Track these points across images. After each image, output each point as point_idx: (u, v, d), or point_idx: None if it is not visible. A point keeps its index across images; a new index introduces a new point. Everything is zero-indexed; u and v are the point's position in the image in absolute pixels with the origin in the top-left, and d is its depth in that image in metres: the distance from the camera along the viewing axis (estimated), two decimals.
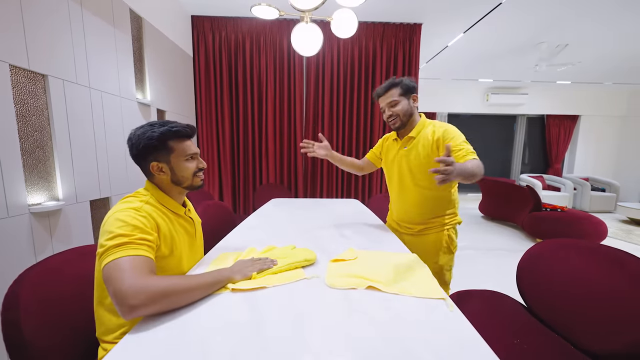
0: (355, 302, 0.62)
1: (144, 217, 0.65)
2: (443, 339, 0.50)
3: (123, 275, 0.54)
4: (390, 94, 1.05)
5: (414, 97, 1.07)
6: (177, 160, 0.73)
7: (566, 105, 5.32)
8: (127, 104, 1.72)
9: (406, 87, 1.05)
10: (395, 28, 2.76)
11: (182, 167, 0.73)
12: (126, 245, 0.58)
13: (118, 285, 0.53)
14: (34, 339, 0.59)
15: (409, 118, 1.07)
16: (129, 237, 0.59)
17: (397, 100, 1.04)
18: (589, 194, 4.64)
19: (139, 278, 0.54)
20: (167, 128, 0.70)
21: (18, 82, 1.10)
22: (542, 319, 0.91)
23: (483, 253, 2.69)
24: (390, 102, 1.05)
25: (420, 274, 0.74)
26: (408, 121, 1.07)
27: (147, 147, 0.70)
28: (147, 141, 0.69)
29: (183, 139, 0.74)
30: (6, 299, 0.61)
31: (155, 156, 0.71)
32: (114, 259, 0.56)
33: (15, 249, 1.07)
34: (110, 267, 0.56)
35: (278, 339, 0.50)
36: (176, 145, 0.72)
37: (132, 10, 1.78)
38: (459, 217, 1.16)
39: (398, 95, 1.04)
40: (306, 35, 1.40)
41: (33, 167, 1.17)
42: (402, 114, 1.05)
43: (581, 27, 2.73)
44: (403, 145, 1.11)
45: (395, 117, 1.06)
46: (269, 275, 0.71)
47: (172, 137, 0.71)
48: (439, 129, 1.04)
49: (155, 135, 0.69)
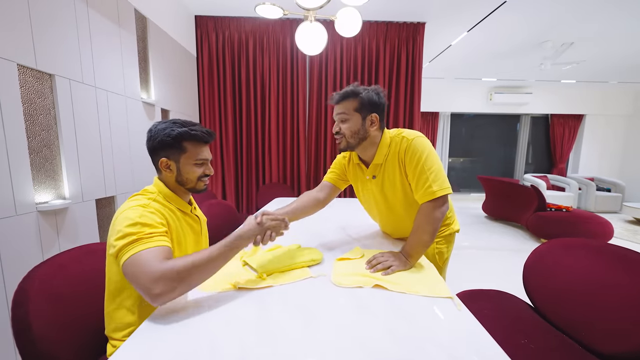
0: (362, 300, 0.62)
1: (153, 213, 0.66)
2: (452, 337, 0.50)
3: (141, 270, 0.56)
4: (344, 105, 0.83)
5: (374, 117, 0.83)
6: (187, 161, 0.74)
7: (571, 105, 5.27)
8: (132, 103, 1.73)
9: (366, 102, 0.81)
10: (398, 27, 2.75)
11: (189, 169, 0.74)
12: (138, 241, 0.59)
13: (138, 279, 0.56)
14: (43, 335, 0.60)
15: (359, 142, 0.84)
16: (139, 234, 0.60)
17: (347, 116, 0.82)
18: (594, 194, 4.60)
19: (157, 267, 0.56)
20: (186, 129, 0.71)
21: (26, 82, 1.11)
22: (549, 319, 0.90)
23: (487, 253, 2.67)
24: (340, 116, 0.84)
25: (427, 273, 0.74)
26: (358, 144, 0.85)
27: (162, 143, 0.71)
28: (164, 137, 0.70)
29: (199, 143, 0.74)
30: (16, 296, 0.61)
31: (168, 153, 0.72)
32: (130, 256, 0.58)
33: (23, 247, 1.09)
34: (128, 265, 0.57)
35: (286, 337, 0.50)
36: (190, 147, 0.73)
37: (137, 11, 1.79)
38: (456, 224, 1.05)
39: (352, 110, 0.82)
40: (310, 34, 1.40)
41: (40, 166, 1.18)
42: (349, 134, 0.83)
43: (586, 25, 2.70)
44: (371, 174, 0.91)
45: (341, 135, 0.84)
46: (275, 274, 0.71)
47: (188, 138, 0.72)
48: (402, 147, 0.83)
49: (173, 133, 0.70)
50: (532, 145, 5.74)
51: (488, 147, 5.80)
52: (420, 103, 2.88)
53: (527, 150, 5.69)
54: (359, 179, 0.98)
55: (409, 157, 0.81)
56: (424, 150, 0.80)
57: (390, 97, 2.88)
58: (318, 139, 2.93)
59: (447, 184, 0.80)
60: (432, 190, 0.78)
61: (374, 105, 0.83)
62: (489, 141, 5.78)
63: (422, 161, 0.79)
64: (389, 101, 2.89)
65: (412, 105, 2.89)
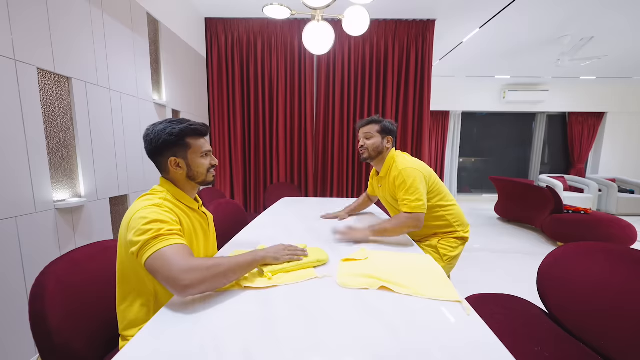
0: (368, 302, 0.61)
1: (167, 212, 0.67)
2: (460, 343, 0.49)
3: (170, 262, 0.57)
4: (370, 127, 1.18)
5: (389, 138, 1.19)
6: (194, 156, 0.76)
7: (591, 102, 5.04)
8: (144, 104, 1.78)
9: (384, 127, 1.17)
10: (407, 25, 2.71)
11: (198, 163, 0.77)
12: (160, 238, 0.61)
13: (167, 271, 0.57)
14: (58, 328, 0.62)
15: (377, 154, 1.19)
16: (159, 230, 0.62)
17: (372, 134, 1.17)
18: (615, 196, 4.37)
19: (186, 261, 0.58)
20: (186, 125, 0.74)
21: (45, 85, 1.16)
22: (565, 326, 0.86)
23: (499, 256, 2.59)
24: (366, 134, 1.18)
25: (435, 276, 0.72)
26: (376, 157, 1.19)
27: (166, 143, 0.72)
28: (167, 137, 0.72)
29: (199, 136, 0.77)
30: (33, 289, 0.64)
31: (174, 152, 0.74)
32: (155, 251, 0.59)
33: (41, 243, 1.14)
34: (154, 259, 0.59)
35: (290, 337, 0.50)
36: (193, 142, 0.76)
37: (149, 14, 1.83)
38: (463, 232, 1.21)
39: (375, 132, 1.17)
40: (318, 33, 1.40)
41: (58, 166, 1.23)
42: (372, 148, 1.17)
43: (608, 18, 2.57)
44: (379, 182, 1.27)
45: (365, 148, 1.19)
46: (280, 274, 0.71)
47: (190, 134, 0.75)
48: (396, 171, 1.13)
49: (175, 131, 0.72)
50: (548, 144, 5.52)
51: (501, 146, 5.63)
52: (430, 102, 2.82)
53: (543, 150, 5.48)
54: (375, 186, 1.36)
55: (397, 182, 1.12)
56: (408, 179, 1.08)
57: (399, 96, 2.84)
58: (325, 139, 2.93)
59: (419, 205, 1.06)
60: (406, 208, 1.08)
61: (390, 130, 1.19)
62: (501, 141, 5.60)
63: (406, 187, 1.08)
64: (398, 101, 2.85)
65: (422, 105, 2.84)
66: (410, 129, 2.87)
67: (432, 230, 1.21)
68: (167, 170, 0.75)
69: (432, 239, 1.21)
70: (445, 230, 1.20)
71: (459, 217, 1.21)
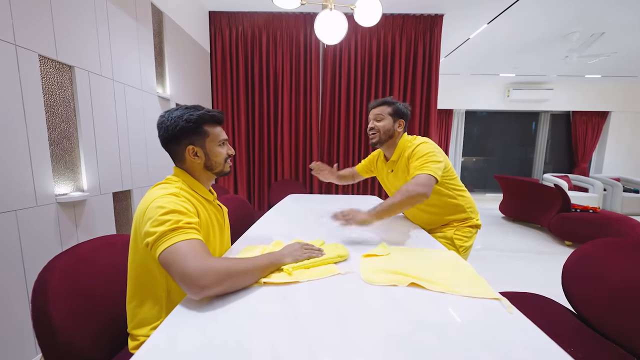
0: (398, 299, 0.56)
1: (185, 202, 0.63)
2: (508, 343, 0.44)
3: (186, 258, 0.53)
4: (381, 109, 1.08)
5: (401, 122, 1.09)
6: (212, 144, 0.72)
7: (595, 101, 5.01)
8: (148, 97, 1.73)
9: (397, 110, 1.07)
10: (415, 20, 2.66)
11: (216, 152, 0.73)
12: (178, 230, 0.56)
13: (183, 268, 0.52)
14: (62, 326, 0.58)
15: (388, 138, 1.08)
16: (177, 222, 0.57)
17: (383, 116, 1.07)
18: (620, 195, 4.35)
19: (203, 260, 0.54)
20: (204, 112, 0.69)
21: (47, 73, 1.11)
22: (595, 326, 0.82)
23: (506, 255, 2.56)
24: (377, 116, 1.08)
25: (465, 272, 0.67)
26: (386, 141, 1.09)
27: (184, 130, 0.68)
28: (185, 123, 0.67)
29: (216, 124, 0.73)
30: (36, 285, 0.59)
31: (192, 139, 0.69)
32: (171, 244, 0.55)
33: (42, 238, 1.09)
34: (169, 252, 0.54)
35: (319, 335, 0.46)
36: (211, 129, 0.71)
37: (153, 5, 1.78)
38: (476, 220, 1.14)
39: (387, 113, 1.07)
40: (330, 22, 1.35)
41: (60, 158, 1.18)
42: (383, 131, 1.07)
43: (618, 14, 2.54)
44: (389, 168, 1.15)
45: (376, 131, 1.08)
46: (301, 270, 0.67)
47: (208, 121, 0.70)
48: (411, 147, 1.04)
49: (193, 118, 0.67)
50: (552, 143, 5.49)
51: (503, 145, 5.60)
52: (437, 99, 2.78)
53: (546, 149, 5.45)
54: (383, 172, 1.22)
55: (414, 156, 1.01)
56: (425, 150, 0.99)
57: (406, 93, 2.80)
58: (331, 135, 2.88)
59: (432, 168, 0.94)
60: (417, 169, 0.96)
61: (402, 113, 1.09)
62: (504, 140, 5.57)
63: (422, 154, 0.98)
64: (405, 98, 2.81)
65: (429, 102, 2.79)
66: (417, 126, 2.83)
67: (447, 217, 1.12)
68: (183, 160, 0.71)
69: (447, 230, 1.12)
70: (459, 217, 1.12)
71: (471, 202, 1.14)
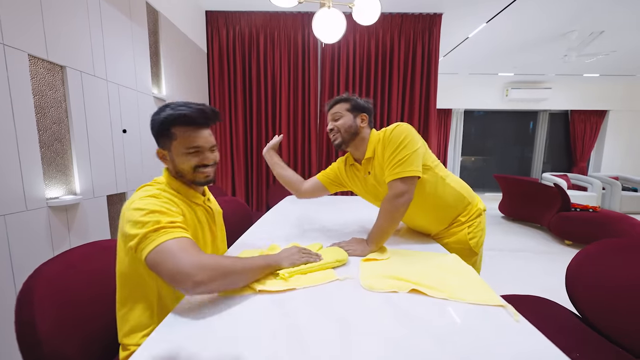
0: (399, 306, 0.54)
1: (166, 202, 0.60)
2: (512, 350, 0.42)
3: (176, 256, 0.50)
4: (338, 107, 0.96)
5: (363, 116, 0.95)
6: (177, 150, 0.63)
7: (594, 100, 5.01)
8: (143, 98, 1.70)
9: (356, 104, 0.95)
10: (414, 19, 2.64)
11: (181, 159, 0.64)
12: (161, 231, 0.53)
13: (174, 265, 0.49)
14: (49, 337, 0.55)
15: (352, 136, 0.94)
16: (158, 222, 0.54)
17: (341, 114, 0.94)
18: (619, 194, 4.35)
19: (197, 256, 0.51)
20: (171, 112, 0.62)
21: (37, 73, 1.08)
22: (602, 331, 0.80)
23: (507, 255, 2.54)
24: (334, 115, 0.95)
25: (468, 277, 0.65)
26: (351, 139, 0.94)
27: (154, 131, 0.65)
28: (153, 124, 0.64)
29: (190, 127, 0.63)
30: (20, 295, 0.57)
31: (160, 141, 0.65)
32: (158, 244, 0.51)
33: (33, 243, 1.06)
34: (157, 252, 0.51)
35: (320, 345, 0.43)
36: (180, 132, 0.62)
37: (148, 4, 1.75)
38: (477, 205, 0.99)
39: (344, 110, 0.94)
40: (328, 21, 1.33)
41: (51, 160, 1.15)
42: (343, 129, 0.93)
43: (617, 13, 2.53)
44: (365, 171, 0.97)
45: (335, 131, 0.94)
46: (297, 276, 0.65)
47: (175, 122, 0.61)
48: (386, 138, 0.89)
49: (159, 119, 0.63)
50: (550, 142, 5.49)
51: (502, 145, 5.60)
52: (436, 99, 2.76)
53: (545, 148, 5.45)
54: (358, 179, 1.02)
55: (388, 145, 0.86)
56: (400, 135, 0.85)
57: (405, 92, 2.78)
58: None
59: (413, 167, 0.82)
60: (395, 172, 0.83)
61: (362, 107, 0.95)
62: (503, 139, 5.57)
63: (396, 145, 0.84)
64: (404, 97, 2.79)
65: (428, 101, 2.78)
66: (417, 126, 2.81)
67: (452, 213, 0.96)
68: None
69: (459, 232, 0.95)
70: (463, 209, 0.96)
71: (464, 185, 0.99)
